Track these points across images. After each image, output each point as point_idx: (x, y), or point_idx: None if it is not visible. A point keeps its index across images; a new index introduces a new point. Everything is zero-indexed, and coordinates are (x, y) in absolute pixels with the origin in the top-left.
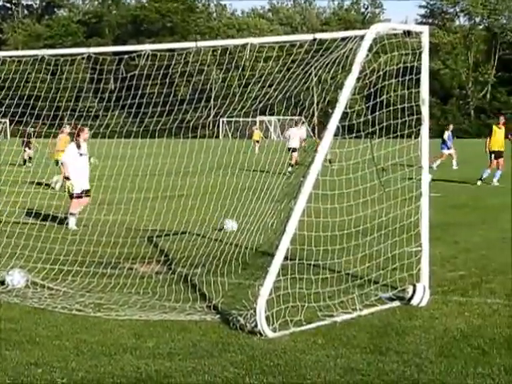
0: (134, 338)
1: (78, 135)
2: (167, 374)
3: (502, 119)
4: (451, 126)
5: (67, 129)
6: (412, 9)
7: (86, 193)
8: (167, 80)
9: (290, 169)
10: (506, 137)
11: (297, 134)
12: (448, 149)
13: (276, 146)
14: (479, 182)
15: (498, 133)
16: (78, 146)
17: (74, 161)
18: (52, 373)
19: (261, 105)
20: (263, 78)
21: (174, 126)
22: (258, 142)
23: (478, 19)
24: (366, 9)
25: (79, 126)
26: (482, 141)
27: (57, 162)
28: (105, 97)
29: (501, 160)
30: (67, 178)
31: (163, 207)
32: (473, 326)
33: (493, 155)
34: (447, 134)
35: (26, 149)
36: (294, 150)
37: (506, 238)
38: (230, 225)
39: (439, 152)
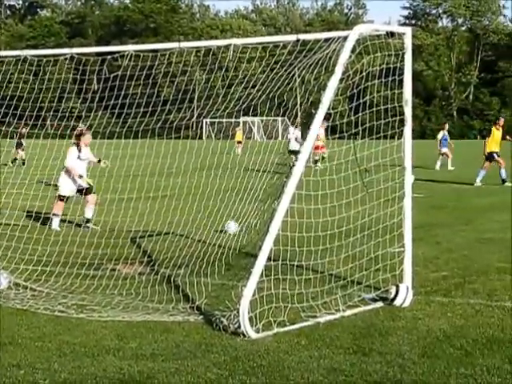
0: (116, 339)
1: (79, 139)
2: (150, 374)
3: (501, 120)
4: (447, 126)
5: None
6: (395, 10)
7: (86, 191)
8: (150, 81)
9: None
10: (504, 138)
11: (294, 134)
12: (442, 148)
13: (259, 147)
14: (508, 184)
15: (497, 134)
16: (79, 150)
17: (73, 163)
18: (34, 374)
19: (244, 105)
20: (246, 79)
21: (157, 126)
22: (240, 142)
23: (460, 20)
24: (350, 10)
25: (81, 129)
26: (464, 142)
27: None
28: (88, 97)
29: (500, 159)
30: (81, 177)
31: (146, 208)
32: (455, 327)
33: (494, 155)
34: (442, 134)
35: (19, 150)
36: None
37: (485, 239)
38: (233, 227)
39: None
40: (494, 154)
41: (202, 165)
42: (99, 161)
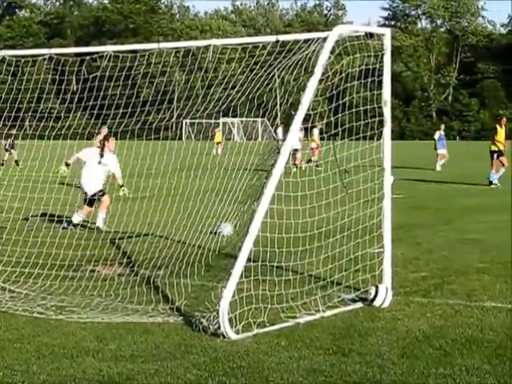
0: (96, 340)
1: (104, 144)
2: (129, 376)
3: (504, 119)
4: (443, 126)
5: (105, 131)
6: (375, 11)
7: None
8: (130, 81)
9: (294, 169)
10: (508, 137)
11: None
12: (439, 149)
13: (239, 148)
14: (493, 186)
15: (501, 132)
16: (101, 155)
17: (90, 165)
18: (13, 376)
19: (224, 106)
20: (226, 80)
21: (136, 127)
22: (219, 143)
23: (439, 22)
24: (329, 11)
25: (105, 133)
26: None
27: None
28: (67, 98)
29: (504, 158)
30: (68, 165)
31: (126, 209)
32: (435, 327)
33: (495, 155)
34: (438, 135)
35: (12, 150)
36: (296, 150)
37: (466, 239)
38: (227, 229)
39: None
40: (496, 154)
41: (181, 166)
42: (122, 186)
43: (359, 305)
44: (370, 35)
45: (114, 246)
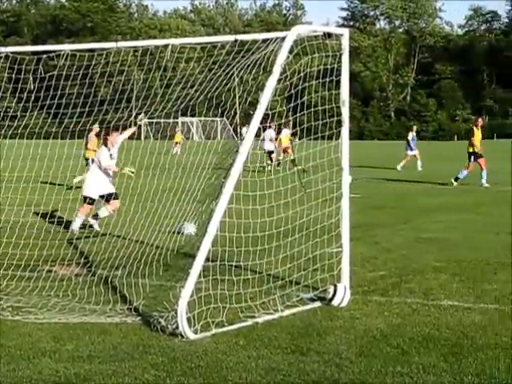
0: (53, 341)
1: (106, 138)
2: (87, 377)
3: (480, 120)
4: (415, 127)
5: (96, 128)
6: (334, 11)
7: (113, 196)
8: (87, 80)
9: (269, 167)
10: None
11: (268, 135)
12: (411, 150)
13: (197, 147)
14: (455, 183)
15: (477, 134)
16: (109, 149)
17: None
18: None
19: (182, 106)
20: (184, 79)
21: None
22: (178, 143)
23: (397, 23)
24: (288, 11)
25: (107, 128)
26: (402, 142)
27: (86, 161)
28: (23, 97)
29: (482, 160)
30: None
31: None
32: (392, 326)
33: (472, 157)
34: (411, 135)
35: None
36: (271, 152)
37: (424, 238)
38: (190, 228)
39: (404, 153)
40: (474, 155)
41: (140, 165)
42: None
43: (318, 304)
44: (328, 35)
45: (72, 246)
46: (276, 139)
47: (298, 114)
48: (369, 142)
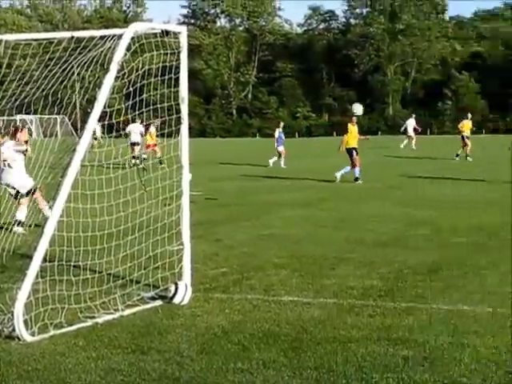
0: None
1: (15, 136)
2: None
3: (354, 118)
4: (282, 124)
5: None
6: (175, 9)
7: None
8: None
9: (133, 161)
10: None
11: (137, 128)
12: (278, 146)
13: (35, 145)
14: (358, 182)
15: (354, 130)
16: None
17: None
18: None
19: (17, 103)
20: (19, 76)
21: None
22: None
23: (238, 21)
24: (128, 7)
25: (16, 126)
26: (245, 140)
27: None
28: None
29: (357, 157)
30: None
31: None
32: (233, 322)
33: (354, 152)
34: (277, 132)
35: None
36: (136, 144)
37: (266, 235)
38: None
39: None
40: (353, 151)
41: None
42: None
43: (159, 302)
44: (167, 33)
45: None
46: (142, 135)
47: (136, 112)
48: (211, 139)
